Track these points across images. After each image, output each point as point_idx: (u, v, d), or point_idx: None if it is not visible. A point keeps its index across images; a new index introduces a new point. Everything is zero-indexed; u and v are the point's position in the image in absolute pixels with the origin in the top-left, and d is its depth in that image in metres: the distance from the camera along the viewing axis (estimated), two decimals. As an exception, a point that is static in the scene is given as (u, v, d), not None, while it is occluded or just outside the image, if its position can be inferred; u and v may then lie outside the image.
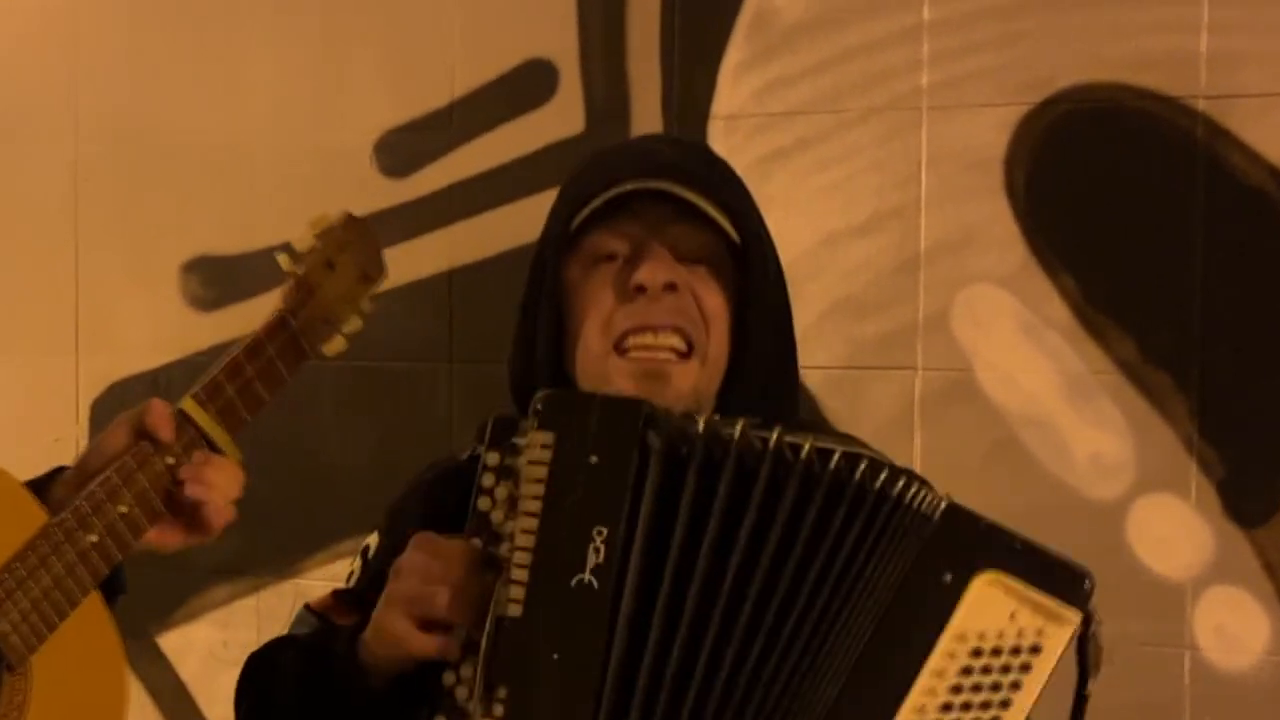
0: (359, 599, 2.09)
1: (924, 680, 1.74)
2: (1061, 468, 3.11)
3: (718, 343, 2.07)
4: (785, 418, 1.95)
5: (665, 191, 2.06)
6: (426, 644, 1.89)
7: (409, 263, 3.50)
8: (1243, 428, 3.02)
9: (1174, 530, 3.05)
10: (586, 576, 1.79)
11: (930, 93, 3.18)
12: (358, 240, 2.21)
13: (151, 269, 3.88)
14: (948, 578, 1.74)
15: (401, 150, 3.63)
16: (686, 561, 1.81)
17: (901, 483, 1.79)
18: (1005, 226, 3.14)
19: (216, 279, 3.83)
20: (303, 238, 2.17)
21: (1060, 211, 3.13)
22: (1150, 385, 3.06)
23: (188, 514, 2.10)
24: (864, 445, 2.06)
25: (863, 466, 1.80)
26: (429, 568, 1.90)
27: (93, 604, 2.06)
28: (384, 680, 1.96)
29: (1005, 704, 1.74)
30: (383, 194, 3.62)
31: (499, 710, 1.80)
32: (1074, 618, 1.73)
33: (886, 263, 3.22)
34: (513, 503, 1.87)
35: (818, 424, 2.13)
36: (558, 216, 2.13)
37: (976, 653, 1.74)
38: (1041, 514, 2.98)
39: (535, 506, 1.83)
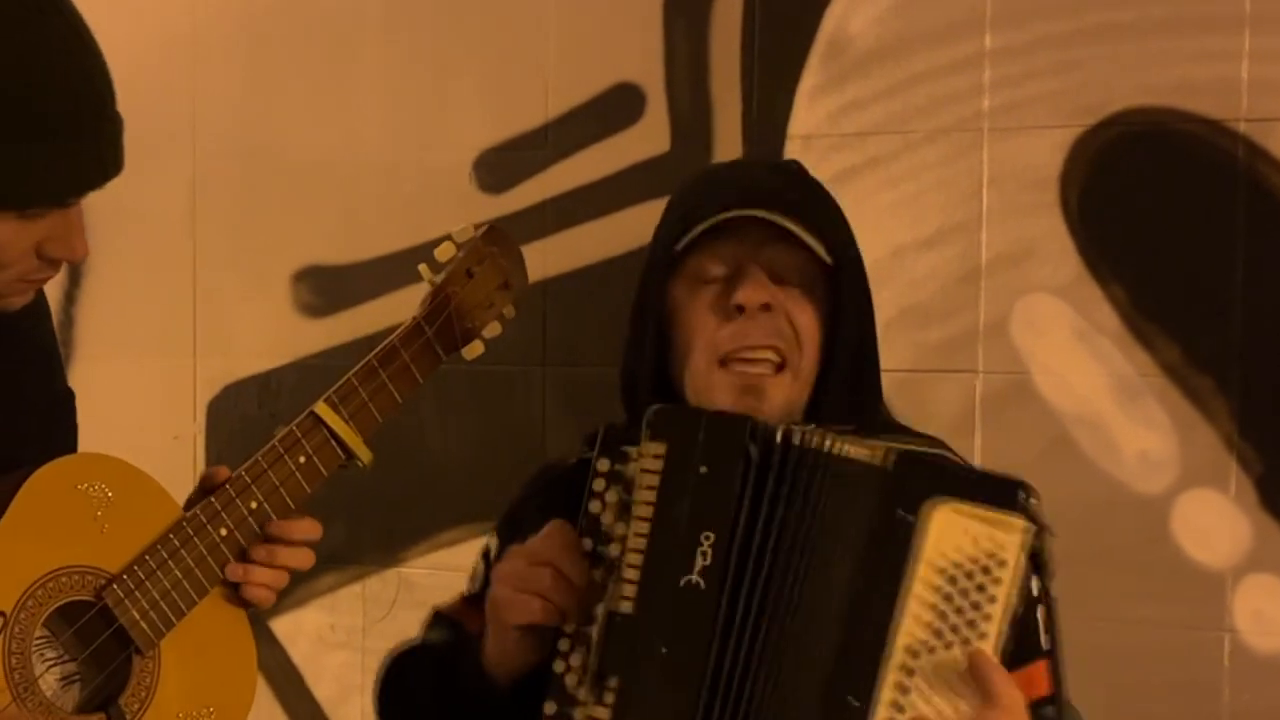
0: (484, 601, 2.15)
1: (910, 608, 1.84)
2: (1111, 464, 3.15)
3: (808, 358, 2.15)
4: (870, 421, 2.09)
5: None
6: (528, 606, 1.98)
7: (505, 272, 3.52)
8: (1280, 428, 3.06)
9: (1215, 522, 3.07)
10: (695, 578, 1.87)
11: (991, 115, 3.23)
12: (500, 251, 2.25)
13: (264, 278, 3.94)
14: (903, 515, 1.85)
15: (499, 168, 3.68)
16: (758, 560, 1.90)
17: (835, 442, 1.90)
18: (1060, 240, 3.18)
19: (325, 287, 3.89)
20: (444, 249, 2.22)
21: (1112, 226, 3.17)
22: (1194, 387, 3.10)
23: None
24: (943, 445, 2.17)
25: (829, 440, 1.91)
26: (535, 550, 2.01)
27: (222, 592, 2.12)
28: (507, 681, 2.05)
29: (985, 615, 1.83)
30: (481, 209, 3.63)
31: (609, 698, 1.89)
32: (1019, 523, 1.83)
33: (950, 273, 3.27)
34: (623, 507, 1.95)
35: (901, 426, 2.25)
36: (663, 239, 2.21)
37: (949, 576, 1.84)
38: (1092, 507, 3.06)
39: (648, 511, 1.91)
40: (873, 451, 1.90)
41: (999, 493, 1.86)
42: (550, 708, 1.93)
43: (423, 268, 2.24)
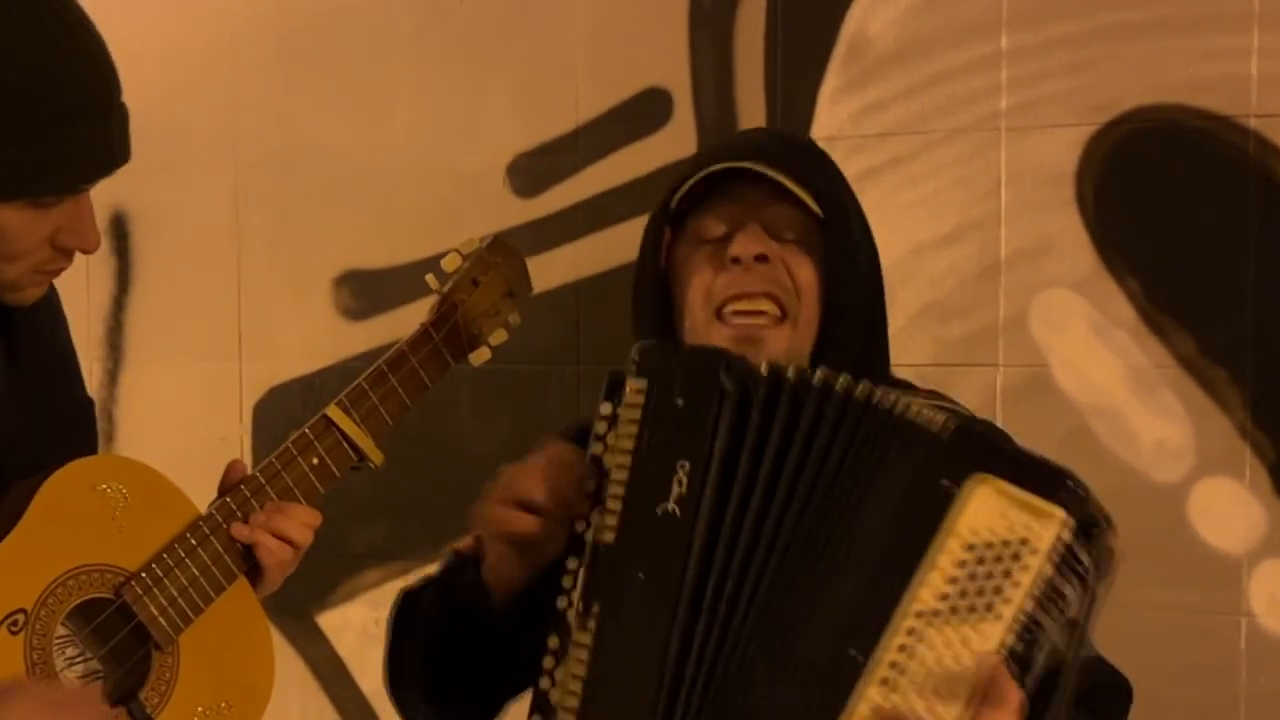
0: None
1: (924, 574, 1.82)
2: (1128, 453, 3.17)
3: (809, 310, 2.18)
4: (877, 379, 1.99)
5: (756, 173, 2.16)
6: (517, 519, 2.03)
7: (539, 274, 3.13)
8: (1292, 416, 3.04)
9: (1230, 509, 3.09)
10: (670, 506, 1.90)
11: (1008, 115, 3.25)
12: (504, 261, 2.31)
13: (306, 282, 3.99)
14: (946, 484, 1.82)
15: (532, 172, 3.72)
16: (745, 491, 1.90)
17: (904, 402, 1.88)
18: (1077, 236, 3.20)
19: (365, 291, 3.92)
20: (449, 259, 2.28)
21: (1127, 221, 3.19)
22: (1208, 378, 3.11)
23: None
24: (952, 402, 2.17)
25: (877, 391, 1.89)
26: (520, 466, 2.06)
27: (240, 588, 2.17)
28: (504, 599, 2.09)
29: (1005, 599, 1.81)
30: (515, 212, 3.71)
31: (592, 624, 1.93)
32: (1058, 513, 1.80)
33: (970, 270, 3.30)
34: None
35: (905, 383, 2.28)
36: (663, 200, 2.26)
37: (971, 548, 1.81)
38: (1110, 495, 2.92)
39: (629, 444, 1.95)
40: (929, 415, 1.88)
41: (1044, 480, 1.83)
42: (554, 642, 1.98)
43: (429, 277, 2.29)
